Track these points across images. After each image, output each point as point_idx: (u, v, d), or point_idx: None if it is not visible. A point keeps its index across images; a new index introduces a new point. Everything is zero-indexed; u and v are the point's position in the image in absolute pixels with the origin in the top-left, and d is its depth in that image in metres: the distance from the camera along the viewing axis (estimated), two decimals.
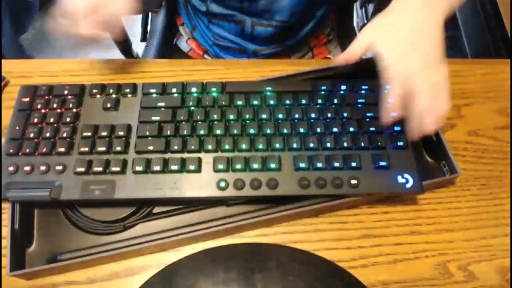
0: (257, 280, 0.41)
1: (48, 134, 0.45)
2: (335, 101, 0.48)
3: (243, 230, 0.45)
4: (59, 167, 0.44)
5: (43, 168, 0.44)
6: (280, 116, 0.46)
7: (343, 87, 0.49)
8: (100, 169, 0.43)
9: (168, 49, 0.82)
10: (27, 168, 0.44)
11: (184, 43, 0.79)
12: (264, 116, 0.46)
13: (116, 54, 0.93)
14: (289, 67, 0.58)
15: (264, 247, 0.43)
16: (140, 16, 0.93)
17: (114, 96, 0.48)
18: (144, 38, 0.94)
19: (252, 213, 0.45)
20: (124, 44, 0.88)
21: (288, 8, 0.64)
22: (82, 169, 0.43)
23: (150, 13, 0.95)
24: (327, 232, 0.46)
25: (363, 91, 0.48)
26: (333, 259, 0.43)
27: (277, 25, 0.66)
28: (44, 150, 0.44)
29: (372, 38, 0.43)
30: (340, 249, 0.45)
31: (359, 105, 0.47)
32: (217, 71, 0.57)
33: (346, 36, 0.85)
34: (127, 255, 0.43)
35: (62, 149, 0.44)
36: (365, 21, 1.50)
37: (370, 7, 1.48)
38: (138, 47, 0.93)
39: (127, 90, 0.48)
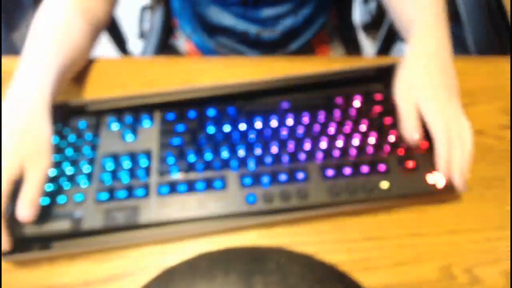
0: (257, 283, 0.40)
1: (66, 165, 0.45)
2: (353, 113, 0.48)
3: (243, 230, 0.45)
4: (79, 198, 0.43)
5: (61, 200, 0.43)
6: (300, 132, 0.47)
7: (358, 98, 0.49)
8: (122, 195, 0.43)
9: (166, 48, 0.81)
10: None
11: (182, 44, 0.78)
12: (284, 133, 0.47)
13: (112, 52, 0.93)
14: (287, 64, 0.57)
15: (264, 249, 0.43)
16: (136, 14, 0.93)
17: (131, 124, 0.48)
18: (141, 34, 0.93)
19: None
20: (120, 42, 0.88)
21: (293, 13, 0.63)
22: (104, 197, 0.43)
23: (149, 10, 0.94)
24: (328, 234, 0.45)
25: (378, 102, 0.49)
26: (334, 261, 0.42)
27: (282, 30, 0.65)
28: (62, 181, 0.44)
29: (414, 100, 0.44)
30: (340, 251, 0.44)
31: (376, 115, 0.48)
32: (215, 70, 0.56)
33: (347, 34, 0.84)
34: (121, 248, 0.43)
35: (82, 179, 0.44)
36: (368, 17, 1.49)
37: (372, 4, 1.47)
38: (136, 43, 0.93)
39: (144, 118, 0.48)
